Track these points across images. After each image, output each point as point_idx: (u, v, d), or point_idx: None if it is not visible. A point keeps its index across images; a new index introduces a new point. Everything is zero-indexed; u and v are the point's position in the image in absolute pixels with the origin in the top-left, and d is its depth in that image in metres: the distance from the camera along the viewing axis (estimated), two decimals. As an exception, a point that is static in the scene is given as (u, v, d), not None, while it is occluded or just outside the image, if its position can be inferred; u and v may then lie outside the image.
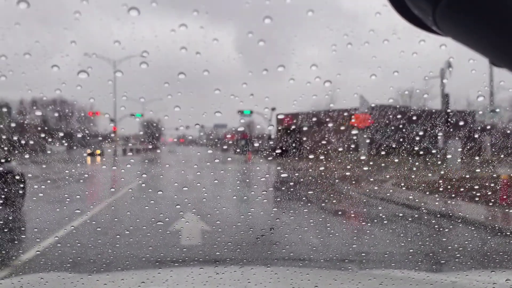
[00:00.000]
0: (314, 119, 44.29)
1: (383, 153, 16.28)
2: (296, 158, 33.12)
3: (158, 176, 18.16)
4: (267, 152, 41.96)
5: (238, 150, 64.12)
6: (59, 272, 2.42)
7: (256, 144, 69.17)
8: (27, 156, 8.67)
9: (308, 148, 41.60)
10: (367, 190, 12.66)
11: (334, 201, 10.74)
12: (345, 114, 44.45)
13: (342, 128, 41.46)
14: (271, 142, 54.23)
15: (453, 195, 9.94)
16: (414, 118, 35.15)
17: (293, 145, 46.52)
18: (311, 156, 38.85)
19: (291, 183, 12.19)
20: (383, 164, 22.14)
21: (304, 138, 44.62)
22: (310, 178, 14.13)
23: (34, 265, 4.80)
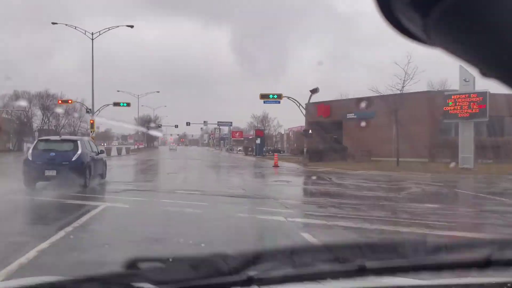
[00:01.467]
0: (374, 107, 32.70)
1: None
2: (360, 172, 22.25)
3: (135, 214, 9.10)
4: (306, 155, 30.90)
5: (250, 151, 53.13)
6: (59, 276, 1.95)
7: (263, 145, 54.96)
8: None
9: (366, 150, 29.77)
10: None
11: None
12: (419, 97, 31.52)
13: (425, 118, 29.71)
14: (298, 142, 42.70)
15: None
16: None
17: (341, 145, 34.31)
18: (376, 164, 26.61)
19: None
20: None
21: (356, 137, 32.91)
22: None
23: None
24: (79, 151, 12.21)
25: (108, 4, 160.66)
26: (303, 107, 31.75)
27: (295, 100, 30.89)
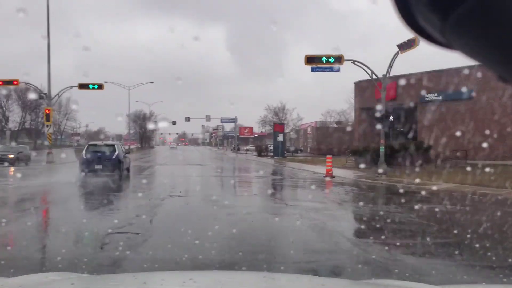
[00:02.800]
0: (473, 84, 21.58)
1: None
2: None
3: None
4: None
5: (264, 152, 41.27)
6: (63, 272, 2.29)
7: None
8: None
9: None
10: None
11: None
12: None
13: None
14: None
15: None
16: None
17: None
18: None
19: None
20: None
21: (439, 129, 21.70)
22: None
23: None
24: (117, 152, 17.89)
25: (106, 4, 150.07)
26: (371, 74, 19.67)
27: (363, 64, 18.69)
